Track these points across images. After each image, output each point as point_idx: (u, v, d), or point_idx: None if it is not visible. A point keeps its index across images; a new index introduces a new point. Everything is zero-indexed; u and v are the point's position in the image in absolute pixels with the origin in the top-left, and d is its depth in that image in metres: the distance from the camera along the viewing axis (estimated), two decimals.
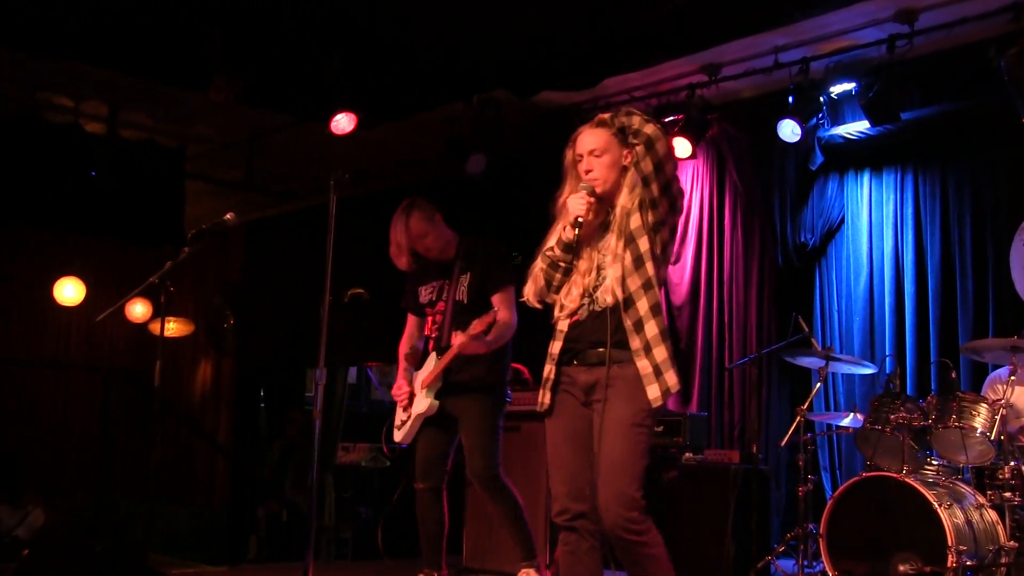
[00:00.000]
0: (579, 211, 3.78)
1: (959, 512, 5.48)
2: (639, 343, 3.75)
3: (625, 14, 6.97)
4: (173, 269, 5.27)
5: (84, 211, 9.06)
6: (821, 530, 5.90)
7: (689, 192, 8.55)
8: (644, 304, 3.76)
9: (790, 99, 7.42)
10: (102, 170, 8.88)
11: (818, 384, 6.79)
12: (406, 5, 7.02)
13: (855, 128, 7.64)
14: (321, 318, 4.76)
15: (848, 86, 7.28)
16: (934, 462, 6.04)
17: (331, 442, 9.16)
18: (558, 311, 3.92)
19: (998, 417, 5.69)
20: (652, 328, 3.75)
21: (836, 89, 7.38)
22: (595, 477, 3.75)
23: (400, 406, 5.43)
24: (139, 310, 11.24)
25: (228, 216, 5.34)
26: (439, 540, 5.42)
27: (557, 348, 3.91)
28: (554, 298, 3.94)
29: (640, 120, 3.83)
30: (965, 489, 5.76)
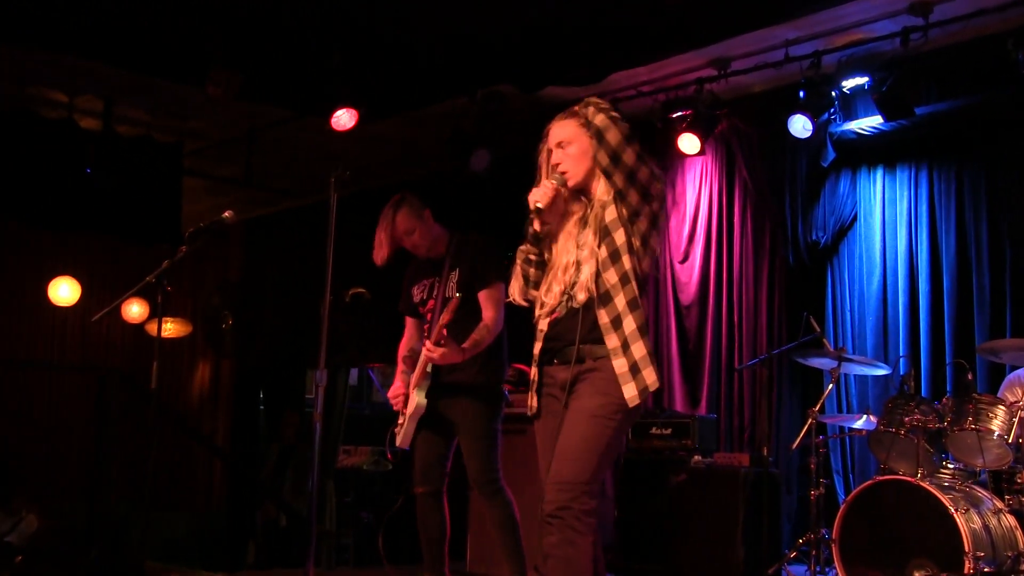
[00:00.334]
0: (536, 198, 3.77)
1: (976, 517, 5.46)
2: (616, 340, 3.66)
3: (632, 6, 6.97)
4: (170, 268, 5.28)
5: (79, 209, 9.05)
6: (834, 535, 5.88)
7: (698, 189, 8.55)
8: (622, 299, 3.68)
9: (801, 94, 7.41)
10: (97, 167, 8.87)
11: (830, 386, 6.79)
12: None
13: (868, 123, 7.62)
14: (321, 318, 4.75)
15: (861, 80, 7.27)
16: (950, 466, 6.02)
17: (332, 445, 9.16)
18: (539, 309, 3.88)
19: (1016, 420, 5.68)
20: (630, 324, 3.66)
21: (849, 83, 7.37)
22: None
23: (396, 408, 5.43)
24: (135, 310, 11.23)
25: (226, 214, 5.34)
26: (440, 545, 5.40)
27: (537, 349, 3.87)
28: (534, 295, 3.90)
29: (592, 110, 3.77)
30: (982, 493, 5.74)
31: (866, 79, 7.20)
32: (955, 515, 5.37)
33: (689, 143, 7.90)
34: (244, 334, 11.32)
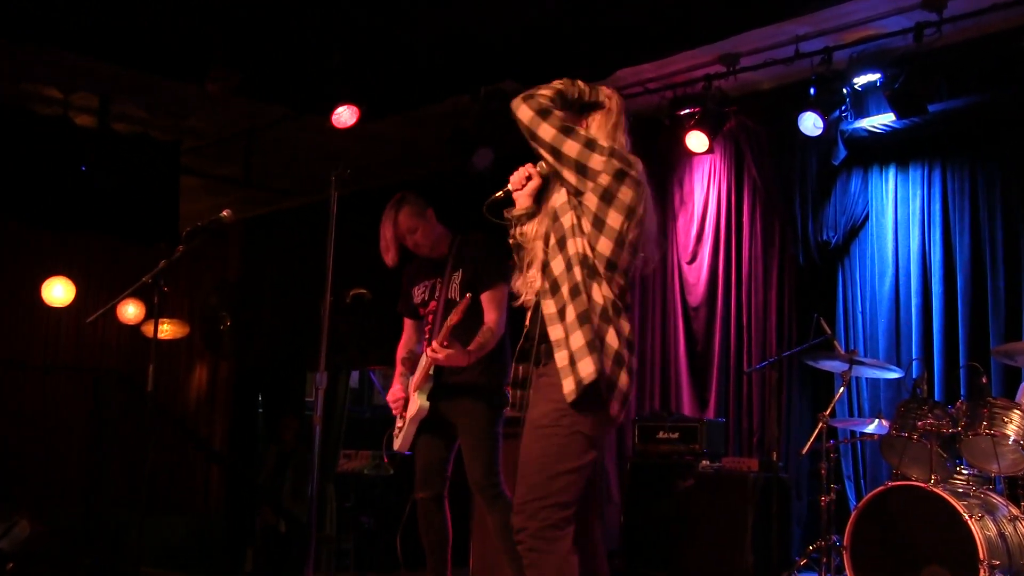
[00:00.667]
0: (511, 179, 3.82)
1: (991, 524, 5.45)
2: (560, 332, 3.52)
3: (639, 1, 6.95)
4: (167, 268, 5.27)
5: (74, 208, 9.05)
6: (845, 542, 5.88)
7: (706, 188, 8.55)
8: (567, 287, 3.55)
9: (812, 91, 7.41)
10: (93, 165, 8.87)
11: (841, 389, 6.78)
12: None
13: (880, 121, 7.61)
14: (322, 319, 4.75)
15: (873, 77, 7.27)
16: (964, 471, 6.01)
17: (332, 449, 9.14)
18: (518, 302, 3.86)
19: None
20: (571, 312, 3.50)
21: (860, 80, 7.36)
22: None
23: (395, 412, 5.43)
24: (132, 311, 11.23)
25: (225, 213, 5.33)
26: (443, 550, 5.41)
27: (519, 345, 3.79)
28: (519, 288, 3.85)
29: (514, 104, 3.76)
30: (997, 500, 5.73)
31: (878, 76, 7.20)
32: (969, 522, 5.36)
33: (697, 141, 7.89)
34: (242, 335, 11.31)
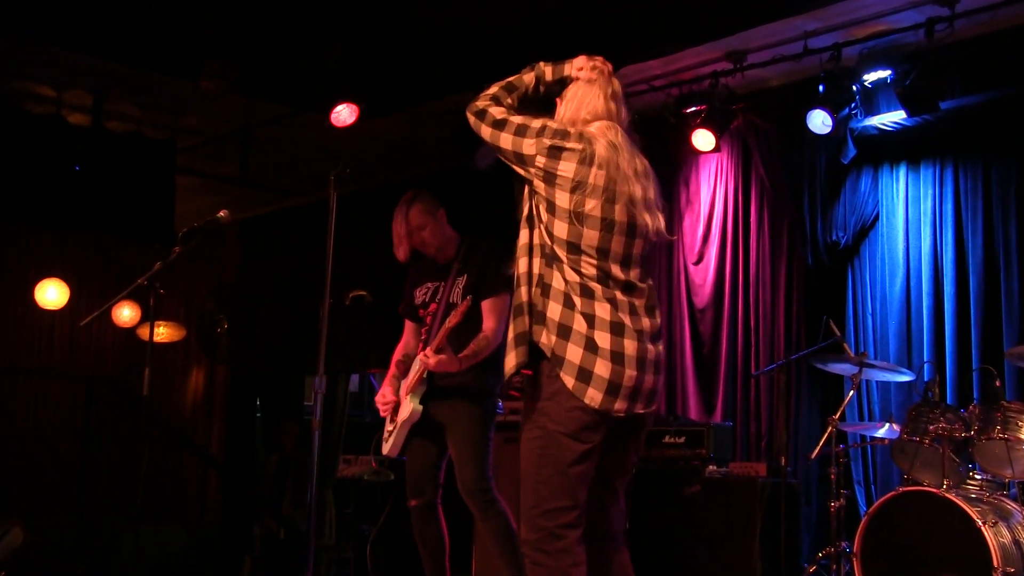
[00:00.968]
0: None
1: (1005, 531, 5.45)
2: (512, 330, 3.60)
3: None
4: (163, 270, 5.27)
5: (68, 208, 9.05)
6: (855, 549, 5.88)
7: (712, 188, 8.54)
8: (520, 280, 3.62)
9: (821, 88, 7.40)
10: (87, 164, 8.88)
11: (851, 392, 6.78)
12: None
13: (890, 119, 7.61)
14: (321, 322, 4.74)
15: (883, 73, 7.26)
16: (977, 476, 6.01)
17: (331, 455, 9.14)
18: None
19: None
20: (513, 303, 3.61)
21: (870, 77, 7.36)
22: None
23: (383, 414, 5.43)
24: (126, 314, 11.23)
25: (221, 213, 5.33)
26: (441, 558, 5.41)
27: None
28: None
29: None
30: (1011, 506, 5.73)
31: (889, 72, 7.19)
32: (983, 528, 5.36)
33: (704, 139, 7.89)
34: (240, 338, 11.29)
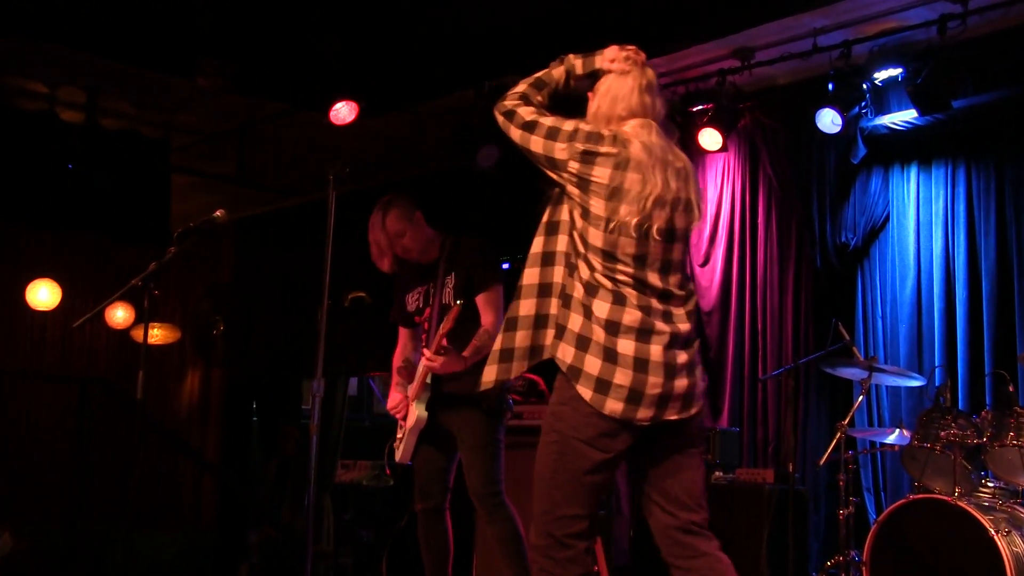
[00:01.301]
0: None
1: (1018, 540, 5.45)
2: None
3: None
4: (158, 271, 5.27)
5: (60, 207, 9.07)
6: (864, 557, 5.88)
7: (719, 188, 8.55)
8: (524, 291, 3.67)
9: (830, 86, 7.41)
10: (80, 162, 8.90)
11: (860, 397, 6.77)
12: None
13: (901, 118, 7.62)
14: (319, 324, 4.75)
15: (894, 71, 7.27)
16: (989, 484, 6.01)
17: (330, 459, 9.15)
18: None
19: None
20: (508, 313, 3.69)
21: (881, 75, 7.37)
22: None
23: (399, 417, 5.45)
24: (120, 315, 11.24)
25: (218, 213, 5.34)
26: (444, 563, 5.43)
27: None
28: None
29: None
30: None
31: (899, 70, 7.20)
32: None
33: (710, 139, 7.89)
34: (236, 341, 11.30)
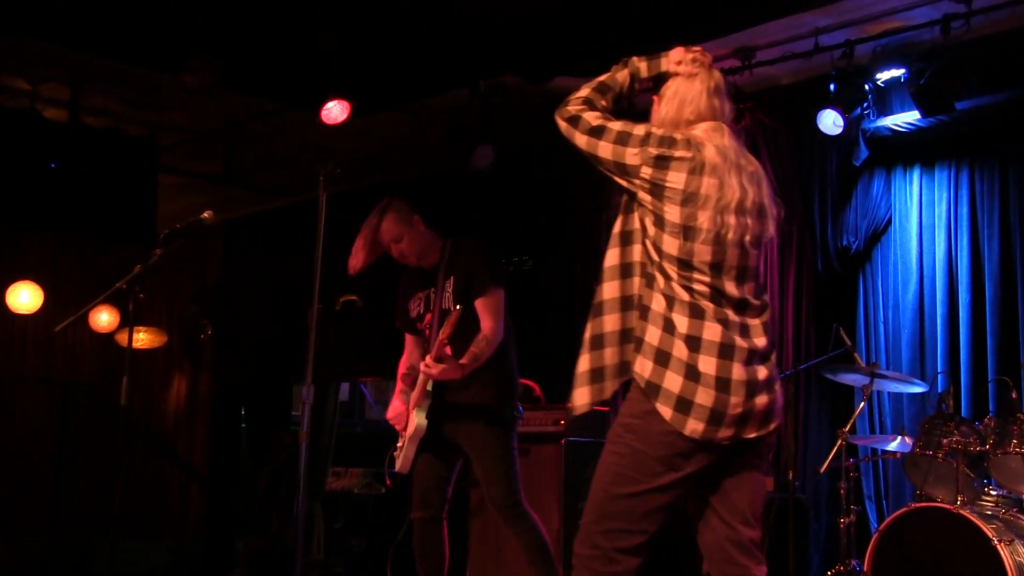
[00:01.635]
0: None
1: (1022, 549, 5.46)
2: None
3: None
4: (143, 273, 5.26)
5: (43, 207, 9.05)
6: (865, 567, 5.89)
7: None
8: (604, 307, 3.66)
9: (832, 86, 7.42)
10: (63, 161, 8.88)
11: (862, 404, 6.79)
12: None
13: (904, 119, 7.63)
14: (309, 328, 4.76)
15: (897, 72, 7.28)
16: (993, 492, 6.02)
17: (320, 467, 9.16)
18: None
19: None
20: (591, 331, 3.65)
21: (883, 75, 7.38)
22: None
23: (398, 428, 5.45)
24: (105, 319, 11.23)
25: (205, 214, 5.34)
26: (440, 573, 5.43)
27: None
28: None
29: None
30: None
31: (902, 71, 7.21)
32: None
33: None
34: (224, 345, 11.31)
